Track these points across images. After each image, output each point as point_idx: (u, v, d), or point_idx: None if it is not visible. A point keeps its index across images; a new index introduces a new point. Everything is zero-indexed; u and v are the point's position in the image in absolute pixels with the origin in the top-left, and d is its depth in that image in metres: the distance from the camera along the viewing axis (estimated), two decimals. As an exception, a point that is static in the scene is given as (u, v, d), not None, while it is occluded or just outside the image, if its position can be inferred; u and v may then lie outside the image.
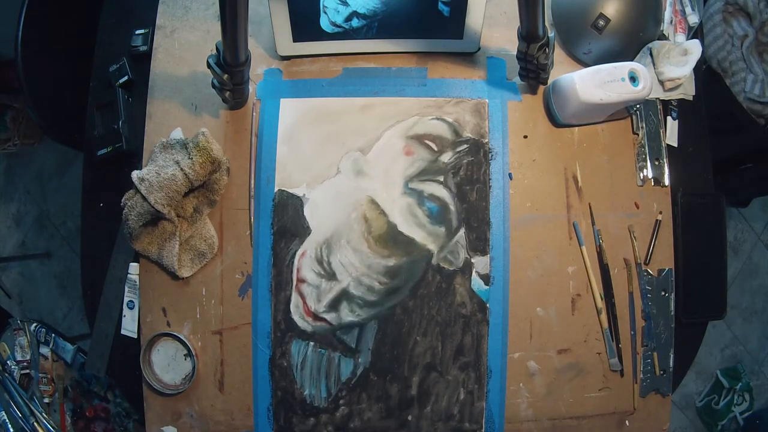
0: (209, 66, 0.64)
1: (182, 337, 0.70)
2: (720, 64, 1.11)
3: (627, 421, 0.72)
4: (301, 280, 0.69)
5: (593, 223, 0.71)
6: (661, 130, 0.75)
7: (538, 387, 0.70)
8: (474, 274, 0.70)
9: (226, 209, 0.72)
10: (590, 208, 0.72)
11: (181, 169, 0.66)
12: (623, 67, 0.65)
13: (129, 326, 0.73)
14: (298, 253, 0.70)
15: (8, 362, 1.03)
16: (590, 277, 0.71)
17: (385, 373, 0.69)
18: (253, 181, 0.72)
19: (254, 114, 0.73)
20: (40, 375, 1.03)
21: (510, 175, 0.72)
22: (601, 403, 0.71)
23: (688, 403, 1.76)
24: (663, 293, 0.72)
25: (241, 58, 0.63)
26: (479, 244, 0.70)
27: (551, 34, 0.63)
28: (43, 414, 1.00)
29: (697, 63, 0.74)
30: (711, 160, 0.78)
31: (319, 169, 0.71)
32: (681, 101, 0.77)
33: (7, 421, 0.98)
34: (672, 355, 0.72)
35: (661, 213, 0.73)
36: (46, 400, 1.03)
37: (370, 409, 0.69)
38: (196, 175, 0.66)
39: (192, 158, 0.66)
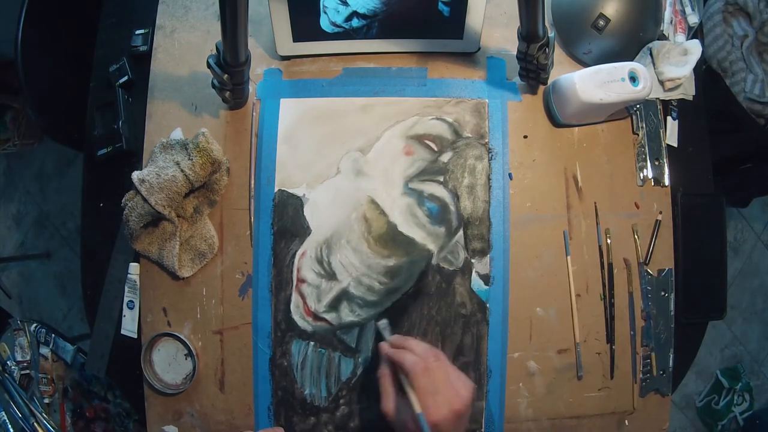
0: (209, 66, 0.64)
1: (183, 337, 0.70)
2: (720, 64, 1.11)
3: (627, 421, 0.72)
4: (301, 280, 0.69)
5: (597, 222, 0.71)
6: (661, 130, 0.75)
7: (538, 387, 0.70)
8: (474, 274, 0.70)
9: (226, 209, 0.72)
10: (595, 206, 0.71)
11: (182, 170, 0.66)
12: (623, 67, 0.65)
13: (129, 326, 0.73)
14: (298, 253, 0.70)
15: (8, 362, 1.03)
16: (571, 279, 0.71)
17: (385, 373, 0.69)
18: (253, 181, 0.72)
19: (254, 114, 0.73)
20: (40, 375, 1.03)
21: (510, 175, 0.72)
22: (600, 403, 0.71)
23: (688, 403, 1.77)
24: (663, 293, 0.72)
25: (241, 58, 0.63)
26: (479, 244, 0.70)
27: (551, 34, 0.63)
28: (43, 414, 1.00)
29: (697, 63, 0.74)
30: (711, 160, 0.78)
31: (319, 169, 0.71)
32: (681, 101, 0.77)
33: (7, 421, 0.98)
34: (672, 355, 0.72)
35: (661, 213, 0.73)
36: (46, 401, 1.03)
37: (370, 409, 0.69)
38: (196, 176, 0.66)
39: (192, 159, 0.66)
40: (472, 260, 0.70)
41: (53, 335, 1.04)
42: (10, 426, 0.97)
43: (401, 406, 0.54)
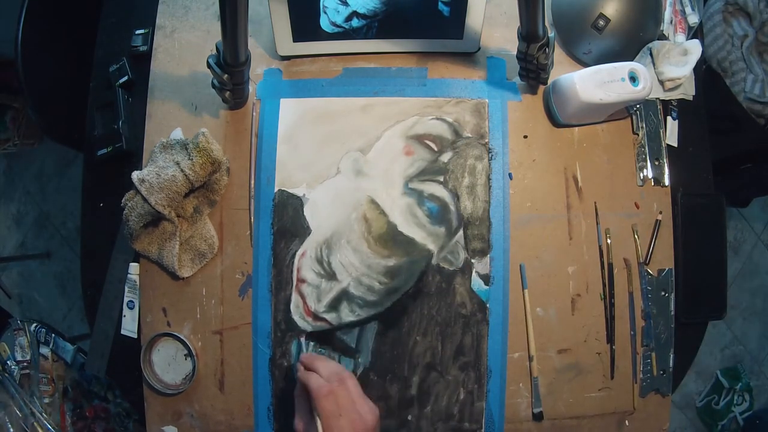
0: (209, 66, 0.64)
1: (182, 337, 0.70)
2: (720, 64, 1.11)
3: (627, 421, 0.72)
4: (301, 280, 0.69)
5: (598, 222, 0.71)
6: (661, 130, 0.75)
7: (539, 387, 0.70)
8: (474, 274, 0.70)
9: (226, 209, 0.72)
10: (596, 206, 0.71)
11: (182, 170, 0.66)
12: (623, 67, 0.65)
13: (129, 326, 0.73)
14: (298, 253, 0.70)
15: (8, 362, 1.03)
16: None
17: (385, 373, 0.69)
18: (253, 181, 0.72)
19: (254, 114, 0.73)
20: (40, 375, 1.03)
21: (510, 175, 0.72)
22: (601, 403, 0.71)
23: (688, 403, 1.76)
24: (663, 293, 0.72)
25: (241, 58, 0.63)
26: (479, 244, 0.70)
27: (551, 34, 0.63)
28: (43, 414, 1.00)
29: (697, 63, 0.74)
30: (711, 160, 0.78)
31: (319, 169, 0.71)
32: (681, 101, 0.77)
33: (7, 421, 0.98)
34: (672, 355, 0.72)
35: (661, 213, 0.73)
36: (46, 400, 1.03)
37: (370, 409, 0.69)
38: (196, 175, 0.66)
39: (192, 159, 0.66)
40: (472, 260, 0.70)
41: (53, 335, 1.04)
42: (10, 426, 0.97)
43: (310, 427, 0.56)
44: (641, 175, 0.73)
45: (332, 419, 0.53)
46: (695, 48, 0.74)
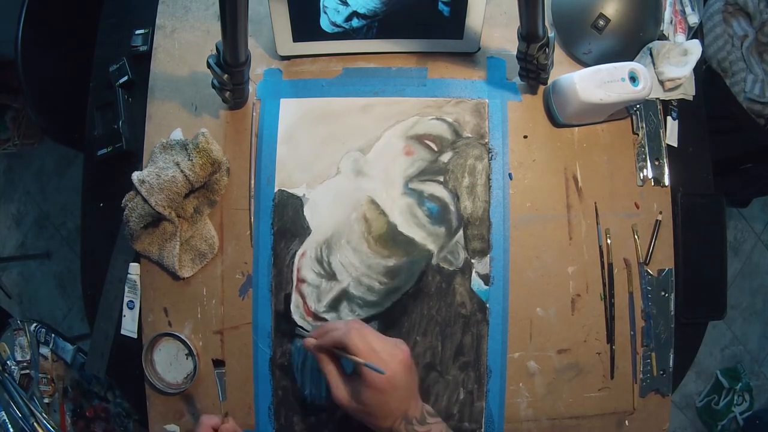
0: (209, 66, 0.64)
1: (183, 337, 0.70)
2: (720, 64, 1.11)
3: (627, 421, 0.72)
4: (301, 280, 0.69)
5: (598, 222, 0.71)
6: (661, 130, 0.75)
7: (538, 387, 0.70)
8: (474, 274, 0.70)
9: (226, 209, 0.72)
10: (596, 206, 0.71)
11: (182, 171, 0.66)
12: (623, 67, 0.65)
13: (129, 326, 0.73)
14: (298, 253, 0.70)
15: (8, 362, 1.03)
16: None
17: (385, 373, 0.69)
18: (253, 181, 0.72)
19: (254, 114, 0.73)
20: (40, 375, 1.03)
21: (510, 175, 0.72)
22: (600, 403, 0.71)
23: (688, 403, 1.77)
24: (663, 293, 0.72)
25: (241, 58, 0.63)
26: (479, 244, 0.70)
27: (551, 34, 0.63)
28: (43, 414, 1.00)
29: (697, 63, 0.74)
30: (711, 160, 0.78)
31: (319, 169, 0.71)
32: (681, 101, 0.77)
33: (7, 421, 0.98)
34: (672, 355, 0.72)
35: (661, 213, 0.73)
36: (46, 400, 1.03)
37: (370, 409, 0.69)
38: (196, 176, 0.66)
39: (192, 159, 0.66)
40: (472, 260, 0.70)
41: (53, 335, 1.04)
42: (10, 426, 0.97)
43: (352, 388, 0.54)
44: (641, 175, 0.73)
45: (372, 355, 0.52)
46: (695, 48, 0.74)
